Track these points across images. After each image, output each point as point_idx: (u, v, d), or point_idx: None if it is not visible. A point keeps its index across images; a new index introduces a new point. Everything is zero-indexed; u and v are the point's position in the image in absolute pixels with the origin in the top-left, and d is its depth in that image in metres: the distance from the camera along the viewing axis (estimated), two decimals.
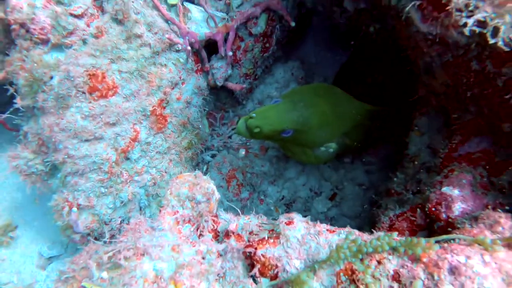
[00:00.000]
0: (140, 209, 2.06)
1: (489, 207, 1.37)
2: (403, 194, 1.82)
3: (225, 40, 2.23)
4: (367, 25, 2.22)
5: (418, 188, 1.72)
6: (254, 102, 2.68)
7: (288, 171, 2.61)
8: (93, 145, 1.77)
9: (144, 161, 1.96)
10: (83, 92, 1.70)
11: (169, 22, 2.00)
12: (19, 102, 1.76)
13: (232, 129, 2.58)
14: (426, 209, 1.41)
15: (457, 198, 1.34)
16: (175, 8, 2.15)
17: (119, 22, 1.80)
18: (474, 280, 0.97)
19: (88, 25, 1.82)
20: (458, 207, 1.33)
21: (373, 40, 2.31)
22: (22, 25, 1.70)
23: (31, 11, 1.69)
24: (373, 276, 1.07)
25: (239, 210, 1.46)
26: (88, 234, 1.89)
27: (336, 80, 2.86)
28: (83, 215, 1.85)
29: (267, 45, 2.43)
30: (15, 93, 1.77)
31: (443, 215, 1.35)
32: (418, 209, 1.49)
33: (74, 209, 1.76)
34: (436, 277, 1.01)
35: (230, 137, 2.53)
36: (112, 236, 1.92)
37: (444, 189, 1.39)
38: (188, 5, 2.21)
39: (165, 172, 2.06)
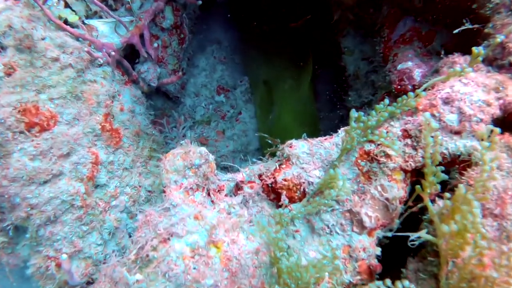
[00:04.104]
0: (130, 235, 1.90)
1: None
2: (361, 101, 1.96)
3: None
4: None
5: (375, 89, 1.86)
6: (191, 96, 2.66)
7: (251, 145, 2.63)
8: (54, 184, 1.59)
9: (115, 182, 1.82)
10: (21, 132, 1.52)
11: (80, 39, 1.89)
12: None
13: (183, 128, 2.52)
14: (393, 90, 1.54)
15: (413, 67, 1.49)
16: (79, 29, 2.05)
17: (27, 51, 1.65)
18: (465, 99, 1.08)
19: None
20: (417, 73, 1.47)
21: None
22: None
23: None
24: (382, 135, 1.13)
25: (237, 166, 1.44)
26: (88, 283, 1.69)
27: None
28: (74, 263, 1.64)
29: (182, 35, 2.43)
30: None
31: (409, 86, 1.48)
32: (386, 97, 1.61)
33: (63, 256, 1.56)
34: (436, 114, 1.11)
35: (184, 135, 2.47)
36: None
37: (399, 67, 1.53)
38: (91, 22, 2.12)
39: (139, 186, 1.93)
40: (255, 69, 2.75)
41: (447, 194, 0.96)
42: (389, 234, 1.16)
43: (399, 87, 1.50)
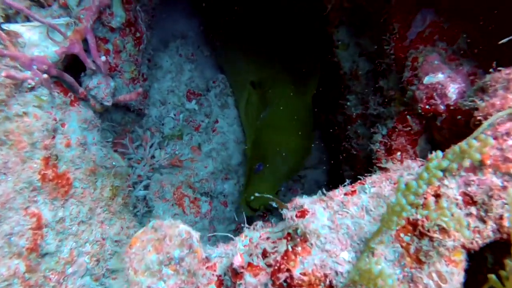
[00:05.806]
0: None
1: (471, 76, 1.23)
2: (369, 112, 1.62)
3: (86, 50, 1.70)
4: None
5: (385, 98, 1.52)
6: (156, 105, 2.22)
7: (233, 159, 2.26)
8: None
9: (69, 243, 1.42)
10: None
11: None
12: None
13: (150, 147, 2.10)
14: (419, 110, 1.20)
15: (446, 81, 1.15)
16: None
17: None
18: None
19: None
20: (452, 90, 1.14)
21: None
22: None
23: None
24: (443, 214, 0.81)
25: (229, 235, 1.09)
26: None
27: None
28: None
29: (138, 34, 1.96)
30: None
31: (441, 107, 1.15)
32: (408, 117, 1.28)
33: None
34: None
35: (153, 156, 2.06)
36: None
37: (426, 80, 1.19)
38: (11, 27, 1.60)
39: (103, 239, 1.54)
40: (237, 67, 2.33)
41: None
42: None
43: (427, 107, 1.17)
